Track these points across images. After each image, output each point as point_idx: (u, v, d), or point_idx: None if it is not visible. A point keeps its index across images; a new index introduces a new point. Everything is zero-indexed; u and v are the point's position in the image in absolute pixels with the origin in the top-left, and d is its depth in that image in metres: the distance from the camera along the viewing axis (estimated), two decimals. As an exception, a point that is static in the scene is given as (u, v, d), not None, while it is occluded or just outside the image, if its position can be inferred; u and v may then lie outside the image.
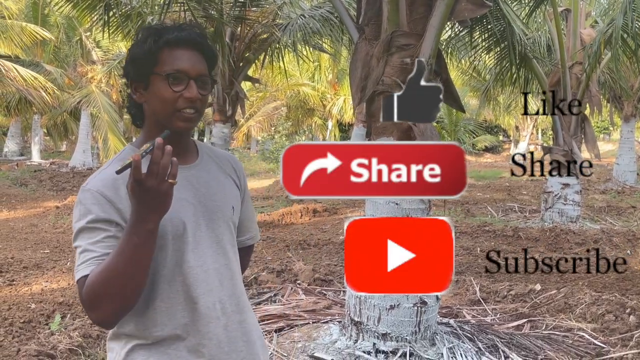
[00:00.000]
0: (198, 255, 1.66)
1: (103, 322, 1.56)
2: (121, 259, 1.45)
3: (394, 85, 4.30)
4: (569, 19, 11.00)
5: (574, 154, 10.46)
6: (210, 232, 1.69)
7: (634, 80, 16.87)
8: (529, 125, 32.80)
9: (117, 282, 1.46)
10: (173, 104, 1.61)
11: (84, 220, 1.56)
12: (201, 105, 1.65)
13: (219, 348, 1.68)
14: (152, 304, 1.62)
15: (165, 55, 1.62)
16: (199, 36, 1.66)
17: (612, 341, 4.76)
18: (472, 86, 22.11)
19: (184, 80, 1.61)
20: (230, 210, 1.77)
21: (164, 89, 1.61)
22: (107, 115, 16.36)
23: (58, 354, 4.18)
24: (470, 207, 13.11)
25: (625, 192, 16.60)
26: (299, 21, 10.20)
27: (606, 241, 9.14)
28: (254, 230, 1.99)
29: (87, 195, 1.59)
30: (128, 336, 1.64)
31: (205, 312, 1.65)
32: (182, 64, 1.61)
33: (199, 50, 1.66)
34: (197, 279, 1.65)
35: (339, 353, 4.31)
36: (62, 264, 7.61)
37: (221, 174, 1.81)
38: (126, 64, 1.68)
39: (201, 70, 1.64)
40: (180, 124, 1.62)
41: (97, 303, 1.48)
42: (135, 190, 1.39)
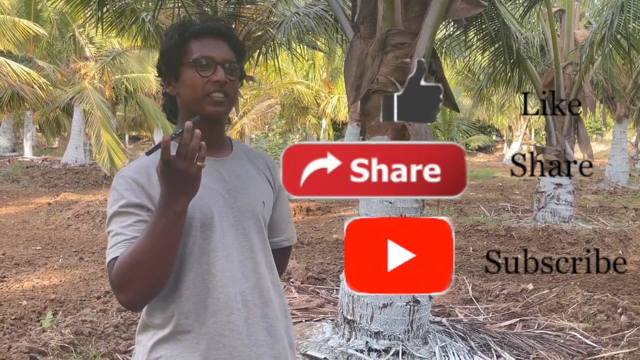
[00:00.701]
0: (224, 245, 1.69)
1: (131, 304, 1.58)
2: (149, 241, 1.48)
3: (389, 84, 4.30)
4: (563, 19, 11.03)
5: (567, 154, 10.50)
6: (238, 224, 1.72)
7: (626, 81, 16.92)
8: (522, 125, 32.86)
9: (145, 263, 1.49)
10: (202, 89, 1.66)
11: (117, 205, 1.61)
12: (230, 90, 1.69)
13: (239, 340, 1.69)
14: (178, 291, 1.65)
15: (192, 46, 1.68)
16: (224, 27, 1.73)
17: (604, 341, 4.78)
18: (466, 86, 22.13)
19: (211, 65, 1.66)
20: (261, 205, 1.79)
21: (192, 75, 1.67)
22: (100, 111, 16.27)
23: (49, 351, 4.17)
24: (463, 207, 13.13)
25: (617, 193, 16.67)
26: (293, 19, 10.18)
27: (598, 241, 9.18)
28: (290, 232, 2.00)
29: (121, 181, 1.64)
30: (155, 327, 1.68)
31: (226, 303, 1.67)
32: (209, 51, 1.68)
33: (225, 40, 1.72)
34: (222, 268, 1.68)
35: (331, 351, 4.31)
36: (53, 260, 7.58)
37: (253, 170, 1.83)
38: (158, 61, 1.76)
39: (228, 57, 1.70)
40: (211, 108, 1.67)
41: (125, 284, 1.51)
42: (165, 172, 1.43)
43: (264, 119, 25.49)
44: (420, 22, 4.29)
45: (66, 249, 8.38)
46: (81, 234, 9.54)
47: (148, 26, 9.17)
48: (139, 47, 12.83)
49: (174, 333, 1.65)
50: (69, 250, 8.29)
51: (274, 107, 25.57)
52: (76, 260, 7.66)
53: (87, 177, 17.81)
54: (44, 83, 16.36)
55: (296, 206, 12.07)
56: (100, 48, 19.11)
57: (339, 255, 7.95)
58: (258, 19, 10.37)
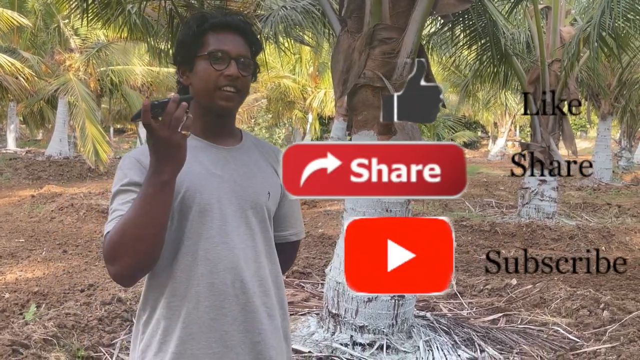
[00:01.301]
0: (224, 232, 1.70)
1: (120, 277, 1.58)
2: (135, 210, 1.51)
3: (376, 79, 4.30)
4: (549, 16, 11.07)
5: (551, 151, 10.56)
6: (241, 212, 1.74)
7: (611, 78, 17.06)
8: (507, 122, 33.03)
9: (132, 233, 1.51)
10: (214, 82, 1.69)
11: (120, 183, 1.66)
12: (242, 85, 1.72)
13: (233, 325, 1.71)
14: (173, 273, 1.68)
15: (209, 38, 1.71)
16: (242, 22, 1.75)
17: (586, 335, 4.82)
18: (452, 82, 22.18)
19: (225, 59, 1.69)
20: (266, 195, 1.80)
21: (206, 67, 1.69)
22: (85, 104, 16.13)
23: (32, 343, 4.13)
24: (448, 202, 13.17)
25: (601, 189, 16.81)
26: (280, 12, 10.14)
27: (581, 237, 9.26)
28: (299, 227, 2.01)
29: (126, 161, 1.70)
30: (149, 313, 1.71)
31: (222, 289, 1.69)
32: (224, 45, 1.70)
33: (242, 35, 1.74)
34: (220, 255, 1.69)
35: (316, 345, 4.32)
36: (37, 253, 7.53)
37: (262, 160, 1.85)
38: (174, 50, 1.81)
39: (242, 52, 1.72)
40: (221, 102, 1.70)
41: (114, 256, 1.53)
42: (149, 140, 1.46)
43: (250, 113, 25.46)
44: (408, 17, 4.29)
45: (50, 241, 8.32)
46: (65, 227, 9.47)
47: (134, 18, 9.09)
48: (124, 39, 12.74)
49: (166, 317, 1.68)
50: (53, 243, 8.23)
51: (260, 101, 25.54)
52: (60, 253, 7.61)
53: (71, 170, 17.68)
54: (28, 73, 16.21)
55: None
56: (86, 40, 18.93)
57: (325, 250, 7.96)
58: (245, 12, 10.32)
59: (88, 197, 12.09)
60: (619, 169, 21.81)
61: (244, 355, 1.73)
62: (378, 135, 4.38)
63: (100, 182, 16.26)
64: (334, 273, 4.50)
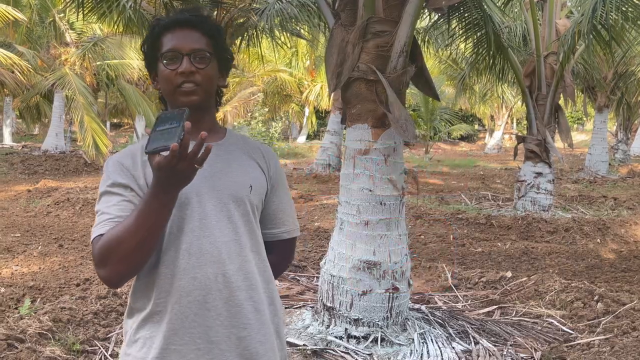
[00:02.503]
0: (206, 226, 1.71)
1: (109, 280, 1.61)
2: (136, 224, 1.53)
3: (370, 72, 4.31)
4: (544, 8, 11.06)
5: (547, 144, 10.58)
6: (222, 207, 1.74)
7: (607, 71, 17.06)
8: (504, 115, 33.03)
9: (129, 245, 1.54)
10: (172, 82, 1.71)
11: (105, 185, 1.70)
12: (202, 78, 1.71)
13: (217, 320, 1.70)
14: (158, 269, 1.69)
15: (163, 40, 1.74)
16: (193, 16, 1.75)
17: (580, 327, 4.85)
18: (449, 75, 22.18)
19: (177, 57, 1.71)
20: (247, 188, 1.79)
21: (163, 69, 1.73)
22: (83, 97, 16.10)
23: (27, 338, 4.14)
24: (445, 195, 13.21)
25: (597, 182, 16.84)
26: (276, 6, 10.13)
27: (577, 230, 9.27)
28: (291, 224, 1.98)
29: (110, 163, 1.74)
30: (138, 310, 1.73)
31: (205, 283, 1.69)
32: (175, 43, 1.72)
33: (194, 28, 1.74)
34: (201, 249, 1.70)
35: (311, 338, 4.34)
36: (32, 247, 7.53)
37: (244, 157, 1.85)
38: (143, 59, 1.82)
39: (195, 45, 1.72)
40: (182, 98, 1.71)
41: (106, 260, 1.56)
42: (163, 169, 1.44)
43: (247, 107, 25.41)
44: (401, 10, 4.30)
45: (45, 236, 8.32)
46: (61, 221, 9.46)
47: (129, 13, 9.07)
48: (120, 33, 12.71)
49: (152, 313, 1.69)
50: (49, 237, 8.23)
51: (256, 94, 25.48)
52: (55, 247, 7.61)
53: (67, 164, 17.65)
54: (25, 67, 16.16)
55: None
56: (81, 34, 18.87)
57: (320, 243, 7.97)
58: (240, 6, 10.31)
59: (84, 191, 12.07)
60: (615, 161, 21.83)
61: (230, 351, 1.72)
62: (372, 129, 4.39)
63: (97, 176, 16.24)
64: (329, 266, 4.51)
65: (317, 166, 17.91)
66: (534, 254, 7.88)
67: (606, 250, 8.20)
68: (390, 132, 4.37)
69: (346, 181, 4.52)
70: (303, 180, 15.93)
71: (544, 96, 10.57)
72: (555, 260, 7.57)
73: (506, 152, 31.48)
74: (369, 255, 4.34)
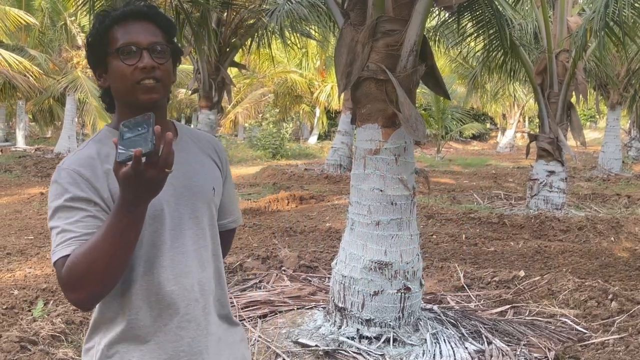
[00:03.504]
0: (176, 237, 1.64)
1: (82, 303, 1.51)
2: (107, 241, 1.41)
3: (379, 71, 4.29)
4: (556, 6, 11.00)
5: (560, 142, 10.52)
6: (190, 213, 1.67)
7: (620, 68, 16.94)
8: (515, 113, 32.89)
9: (102, 262, 1.42)
10: (130, 78, 1.58)
11: (61, 199, 1.53)
12: (162, 74, 1.60)
13: (198, 330, 1.68)
14: (130, 286, 1.60)
15: (115, 33, 1.60)
16: (146, 7, 1.63)
17: (594, 327, 4.81)
18: (460, 74, 22.12)
19: (136, 52, 1.58)
20: (211, 191, 1.74)
21: (118, 65, 1.58)
22: (95, 100, 16.21)
23: (40, 340, 4.16)
24: (456, 195, 13.16)
25: (610, 180, 16.73)
26: (286, 7, 10.14)
27: (590, 228, 9.21)
28: (236, 213, 1.96)
29: (63, 174, 1.56)
30: (107, 325, 1.64)
31: (183, 294, 1.64)
32: (132, 37, 1.59)
33: (150, 21, 1.63)
34: (174, 260, 1.64)
35: (323, 339, 4.32)
36: (45, 250, 7.56)
37: (202, 154, 1.78)
38: (86, 54, 1.67)
39: (154, 39, 1.60)
40: (142, 96, 1.58)
41: (78, 283, 1.45)
42: (132, 179, 1.34)
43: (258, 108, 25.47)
44: (411, 8, 4.28)
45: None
46: (74, 224, 9.51)
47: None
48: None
49: (128, 329, 1.62)
50: (62, 239, 8.27)
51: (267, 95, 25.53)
52: (68, 249, 7.65)
53: (80, 167, 17.75)
54: (36, 72, 16.27)
55: (289, 195, 12.06)
56: (93, 37, 18.97)
57: (332, 244, 7.96)
58: (250, 7, 10.33)
59: (97, 193, 12.11)
60: (628, 159, 21.69)
61: (209, 358, 1.71)
62: (382, 128, 4.38)
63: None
64: (340, 266, 4.50)
65: (328, 167, 17.90)
66: (547, 252, 7.83)
67: (620, 249, 8.13)
68: (401, 131, 4.35)
69: (357, 181, 4.50)
70: (314, 180, 15.92)
71: (555, 94, 10.50)
72: (568, 259, 7.51)
73: (518, 150, 31.34)
74: (381, 255, 4.32)
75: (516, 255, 7.75)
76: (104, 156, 1.59)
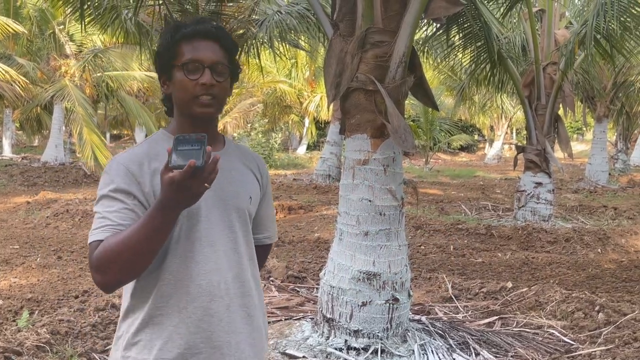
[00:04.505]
0: (210, 235, 1.77)
1: (104, 286, 1.65)
2: (138, 237, 1.56)
3: (368, 82, 4.30)
4: (543, 19, 11.10)
5: (547, 154, 10.58)
6: (224, 216, 1.80)
7: (606, 81, 17.09)
8: (503, 125, 33.07)
9: (129, 255, 1.57)
10: (191, 91, 1.73)
11: (107, 188, 1.71)
12: (219, 91, 1.76)
13: (219, 326, 1.77)
14: (161, 275, 1.73)
15: (182, 48, 1.75)
16: (214, 27, 1.78)
17: (581, 338, 4.81)
18: (448, 85, 22.23)
19: (199, 68, 1.73)
20: (248, 199, 1.87)
21: (182, 78, 1.74)
22: (82, 109, 16.10)
23: (25, 350, 4.11)
24: (444, 206, 13.18)
25: (597, 192, 16.82)
26: (275, 17, 10.16)
27: (577, 240, 9.25)
28: (272, 230, 2.10)
29: (114, 166, 1.74)
30: (135, 312, 1.76)
31: (209, 290, 1.76)
32: (197, 54, 1.74)
33: (215, 41, 1.78)
34: (206, 257, 1.76)
35: (310, 350, 4.31)
36: (31, 259, 7.50)
37: (243, 166, 1.92)
38: (154, 60, 1.88)
39: (216, 58, 1.76)
40: (198, 109, 1.75)
41: (104, 268, 1.60)
42: (174, 185, 1.48)
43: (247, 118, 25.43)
44: (400, 20, 4.30)
45: (44, 247, 8.29)
46: (60, 233, 9.44)
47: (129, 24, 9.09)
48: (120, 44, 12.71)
49: (153, 317, 1.73)
50: (48, 249, 8.20)
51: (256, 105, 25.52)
52: (54, 259, 7.59)
53: (67, 176, 17.63)
54: (22, 81, 16.18)
55: (278, 205, 12.04)
56: (81, 46, 18.91)
57: (320, 254, 7.94)
58: (240, 17, 10.33)
59: (83, 203, 12.06)
60: (615, 171, 21.83)
61: (230, 355, 1.79)
62: (371, 139, 4.38)
63: (96, 188, 16.17)
64: (329, 277, 4.49)
65: (317, 177, 17.90)
66: (535, 264, 7.85)
67: (607, 260, 8.17)
68: (390, 142, 4.36)
69: (345, 191, 4.50)
70: (303, 190, 15.91)
71: (543, 106, 10.58)
72: (555, 270, 7.54)
73: (506, 162, 31.48)
74: (369, 266, 4.32)
75: (504, 266, 7.77)
76: (154, 155, 1.75)
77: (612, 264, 7.96)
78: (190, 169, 1.44)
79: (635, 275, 7.33)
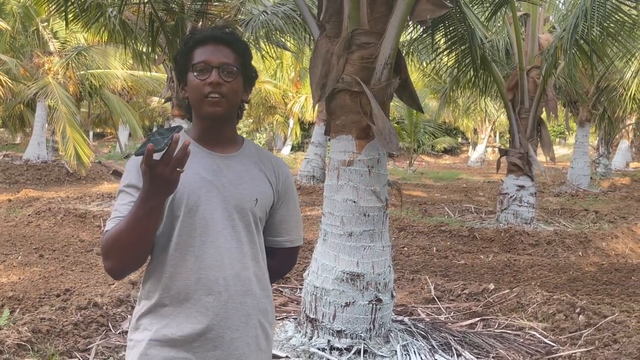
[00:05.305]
0: (211, 232, 1.85)
1: (110, 272, 1.79)
2: (128, 226, 1.69)
3: (354, 83, 4.32)
4: (527, 23, 11.19)
5: (530, 157, 10.65)
6: (227, 216, 1.88)
7: (589, 85, 17.24)
8: (486, 128, 33.26)
9: (123, 242, 1.71)
10: (200, 91, 1.85)
11: (122, 184, 1.85)
12: (228, 91, 1.85)
13: (215, 320, 1.85)
14: (163, 267, 1.85)
15: (195, 53, 1.89)
16: (224, 33, 1.91)
17: (562, 340, 4.86)
18: (433, 88, 22.30)
19: (207, 69, 1.85)
20: (253, 201, 1.93)
21: (192, 79, 1.87)
22: (65, 107, 15.96)
23: (5, 349, 4.07)
24: (428, 208, 13.24)
25: (578, 195, 16.98)
26: (261, 17, 10.16)
27: (559, 243, 9.33)
28: (295, 234, 2.12)
29: (131, 163, 1.86)
30: (144, 299, 1.90)
31: (207, 284, 1.84)
32: (206, 56, 1.86)
33: (227, 45, 1.89)
34: (207, 252, 1.85)
35: (293, 350, 4.31)
36: (12, 257, 7.44)
37: (256, 169, 1.98)
38: (173, 67, 2.06)
39: (225, 60, 1.87)
40: (208, 108, 1.85)
41: (107, 254, 1.75)
42: (147, 173, 1.58)
43: (231, 118, 25.38)
44: (386, 22, 4.32)
45: (26, 246, 8.22)
46: (42, 231, 9.37)
47: (113, 22, 9.04)
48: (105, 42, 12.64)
49: (156, 305, 1.86)
50: (29, 247, 8.13)
51: (241, 105, 25.46)
52: (36, 257, 7.53)
53: (49, 174, 17.49)
54: (3, 80, 16.03)
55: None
56: (65, 43, 18.77)
57: (304, 255, 7.94)
58: (225, 17, 10.32)
59: (66, 201, 11.98)
60: (596, 175, 22.04)
61: (221, 350, 1.86)
62: (356, 140, 4.40)
63: (79, 186, 16.12)
64: (312, 277, 4.50)
65: (301, 178, 17.90)
66: (517, 266, 7.91)
67: (588, 263, 8.25)
68: (375, 143, 4.38)
69: (330, 192, 4.51)
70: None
71: (526, 110, 10.65)
72: (537, 272, 7.60)
73: (489, 165, 31.67)
74: (353, 266, 4.33)
75: (486, 268, 7.82)
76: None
77: (593, 267, 8.04)
78: (149, 152, 1.51)
79: (616, 278, 7.41)
